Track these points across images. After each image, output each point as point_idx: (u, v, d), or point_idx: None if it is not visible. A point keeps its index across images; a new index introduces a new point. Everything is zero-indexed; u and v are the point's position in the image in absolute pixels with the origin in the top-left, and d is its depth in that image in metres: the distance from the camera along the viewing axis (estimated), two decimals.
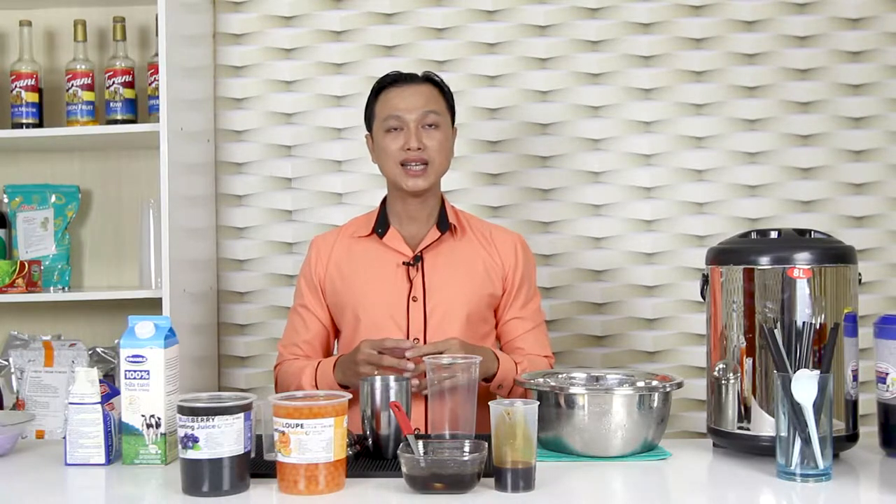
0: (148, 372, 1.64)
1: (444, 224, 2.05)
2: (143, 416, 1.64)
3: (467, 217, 2.14)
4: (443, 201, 2.09)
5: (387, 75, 2.06)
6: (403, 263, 2.02)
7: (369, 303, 2.00)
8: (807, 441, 1.49)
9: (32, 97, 2.53)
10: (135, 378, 1.64)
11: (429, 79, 2.05)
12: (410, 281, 2.01)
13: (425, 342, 1.97)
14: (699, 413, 2.54)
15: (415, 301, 1.99)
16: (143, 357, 1.64)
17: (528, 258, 2.14)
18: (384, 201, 2.10)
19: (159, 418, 1.64)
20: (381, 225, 2.06)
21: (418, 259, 2.01)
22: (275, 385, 2.11)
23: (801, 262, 1.62)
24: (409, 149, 1.97)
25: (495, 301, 2.07)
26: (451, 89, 2.66)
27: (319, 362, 1.98)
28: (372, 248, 2.05)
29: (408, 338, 1.97)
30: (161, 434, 1.64)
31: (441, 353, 1.80)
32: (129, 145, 2.65)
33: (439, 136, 2.00)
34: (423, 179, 1.99)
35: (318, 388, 1.94)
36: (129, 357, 1.64)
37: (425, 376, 1.74)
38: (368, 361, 1.82)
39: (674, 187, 2.66)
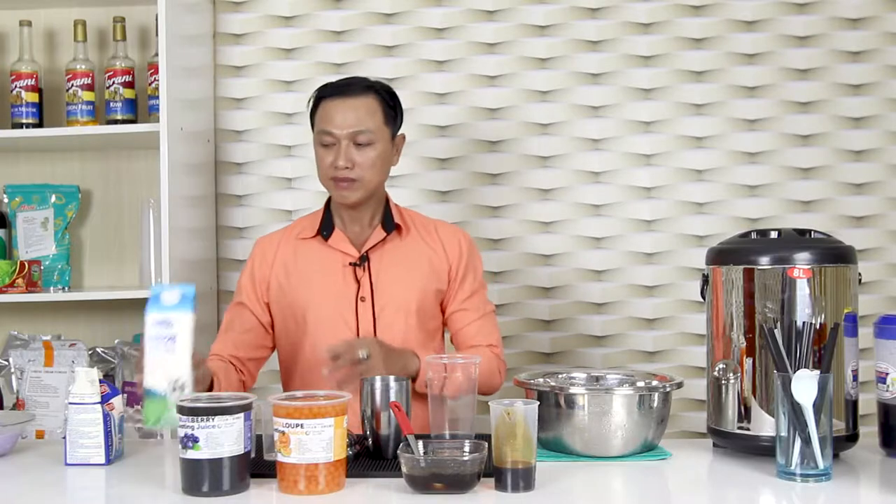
0: (174, 337, 1.62)
1: (389, 224, 2.05)
2: (168, 380, 1.61)
3: (412, 215, 2.13)
4: (387, 202, 2.09)
5: (327, 84, 2.03)
6: (350, 264, 2.02)
7: (317, 303, 2.00)
8: (807, 441, 1.49)
9: (32, 97, 2.53)
10: (161, 343, 1.62)
11: (370, 88, 2.00)
12: (358, 281, 2.01)
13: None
14: (699, 413, 2.54)
15: (363, 301, 1.99)
16: (170, 322, 1.62)
17: (473, 252, 2.11)
18: (328, 202, 2.10)
19: (184, 382, 1.62)
20: (325, 227, 2.06)
21: (364, 259, 2.01)
22: None
23: (801, 262, 1.62)
24: (337, 166, 1.96)
25: (442, 296, 2.07)
26: (451, 90, 2.68)
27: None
28: (318, 250, 2.05)
29: (357, 336, 1.97)
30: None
31: (358, 356, 1.77)
32: (129, 145, 2.65)
33: (371, 154, 1.97)
34: (350, 193, 1.98)
35: None
36: (156, 322, 1.62)
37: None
38: None
39: (674, 187, 2.66)
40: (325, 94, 2.01)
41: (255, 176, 2.73)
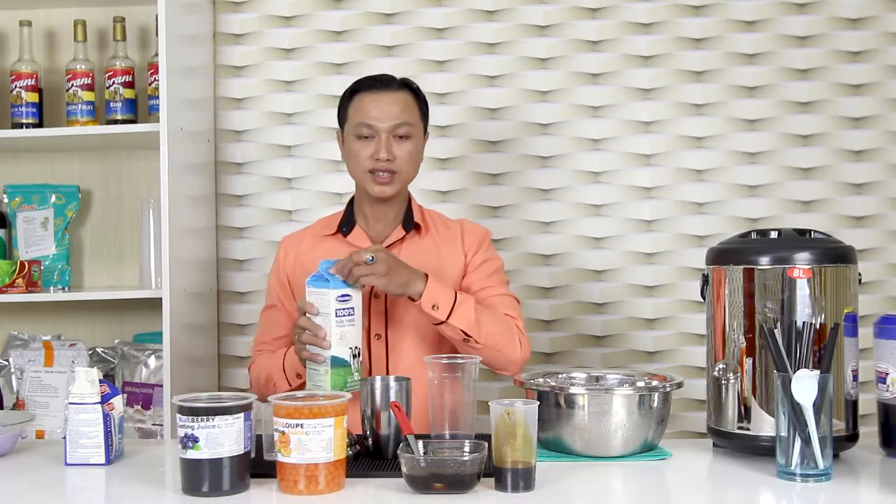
0: (353, 309, 1.79)
1: (409, 223, 2.06)
2: (350, 348, 1.77)
3: (433, 215, 2.14)
4: (409, 201, 2.10)
5: (364, 78, 2.05)
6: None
7: None
8: (807, 441, 1.49)
9: (32, 97, 2.53)
10: (344, 315, 1.77)
11: (405, 85, 2.03)
12: None
13: (386, 337, 1.99)
14: (699, 413, 2.54)
15: (376, 298, 1.99)
16: (349, 296, 1.78)
17: (491, 248, 2.12)
18: (351, 201, 2.11)
19: (360, 349, 1.79)
20: (346, 224, 2.08)
21: None
22: (250, 385, 2.11)
23: (801, 262, 1.62)
24: (378, 158, 1.97)
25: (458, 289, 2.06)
26: (451, 90, 2.68)
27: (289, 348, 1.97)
28: (337, 246, 2.06)
29: (369, 332, 1.99)
30: (360, 362, 1.80)
31: (361, 260, 1.80)
32: (129, 145, 2.65)
33: (409, 147, 1.99)
34: (389, 187, 2.00)
35: (285, 373, 1.94)
36: (339, 297, 1.77)
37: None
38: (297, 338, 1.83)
39: (674, 187, 2.66)
40: (362, 87, 2.02)
41: (255, 176, 2.73)
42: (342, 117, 2.06)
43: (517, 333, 1.97)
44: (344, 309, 1.76)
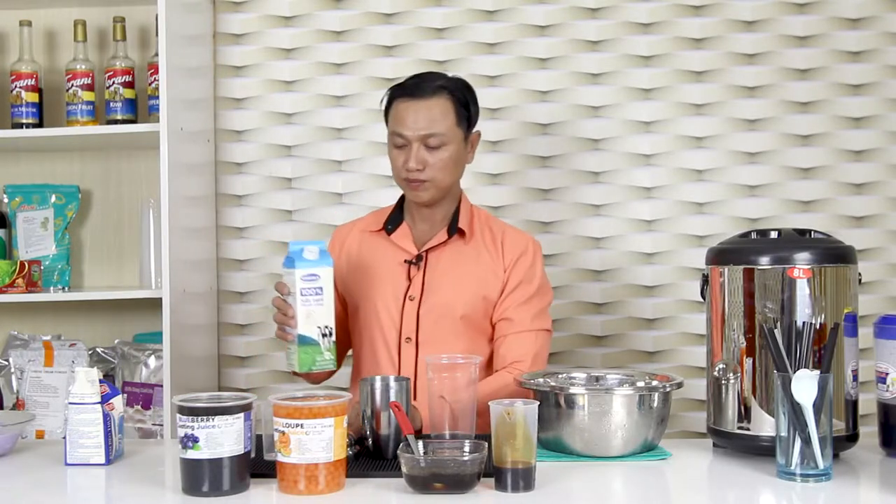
0: (321, 288, 1.75)
1: (453, 227, 2.05)
2: (318, 327, 1.74)
3: (483, 220, 2.10)
4: (460, 203, 2.08)
5: (399, 84, 2.03)
6: (406, 262, 2.02)
7: (368, 296, 2.02)
8: (807, 441, 1.49)
9: (32, 97, 2.53)
10: (311, 294, 1.74)
11: (442, 87, 1.99)
12: (410, 279, 2.01)
13: (417, 341, 1.98)
14: (699, 413, 2.54)
15: (411, 300, 1.99)
16: (316, 276, 1.75)
17: (535, 263, 2.06)
18: (402, 198, 2.11)
19: (331, 328, 1.76)
20: (392, 222, 2.08)
21: (421, 258, 2.02)
22: None
23: (801, 262, 1.62)
24: (409, 168, 1.97)
25: (492, 305, 2.03)
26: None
27: None
28: (381, 244, 2.07)
29: (400, 336, 1.99)
30: (332, 342, 1.76)
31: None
32: (129, 145, 2.65)
33: (443, 155, 1.98)
34: (424, 193, 2.00)
35: None
36: (304, 276, 1.74)
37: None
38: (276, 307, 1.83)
39: (674, 187, 2.66)
40: (397, 94, 2.01)
41: (255, 176, 2.73)
42: (386, 121, 2.06)
43: (513, 389, 1.81)
44: (310, 288, 1.74)
